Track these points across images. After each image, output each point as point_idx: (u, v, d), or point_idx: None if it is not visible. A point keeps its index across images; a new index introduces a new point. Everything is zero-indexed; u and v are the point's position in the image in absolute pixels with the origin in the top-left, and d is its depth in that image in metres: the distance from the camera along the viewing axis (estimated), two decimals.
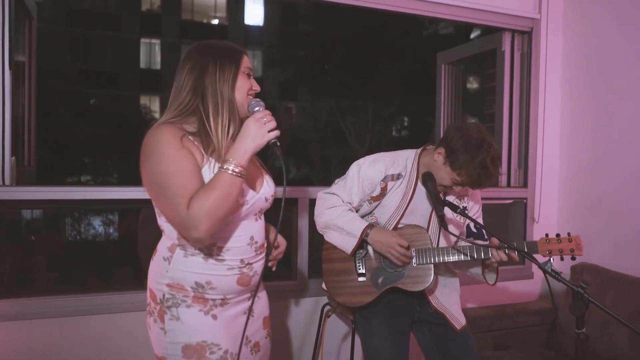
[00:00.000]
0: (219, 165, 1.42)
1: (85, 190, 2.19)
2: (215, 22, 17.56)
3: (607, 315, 2.50)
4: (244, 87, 1.51)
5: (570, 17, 3.05)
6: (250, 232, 1.54)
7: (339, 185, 2.01)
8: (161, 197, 1.43)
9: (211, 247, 1.48)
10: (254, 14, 17.29)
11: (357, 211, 2.02)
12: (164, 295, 1.49)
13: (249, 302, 1.59)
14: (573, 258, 1.82)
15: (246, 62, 1.55)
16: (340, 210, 1.96)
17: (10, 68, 2.16)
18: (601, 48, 2.84)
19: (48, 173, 10.27)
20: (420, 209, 1.94)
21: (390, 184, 1.94)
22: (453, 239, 1.96)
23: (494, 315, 2.69)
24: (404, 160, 1.98)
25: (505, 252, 1.79)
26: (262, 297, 1.71)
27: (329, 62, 13.37)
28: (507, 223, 3.25)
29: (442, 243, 1.97)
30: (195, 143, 1.46)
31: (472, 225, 1.98)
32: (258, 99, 1.52)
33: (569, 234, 1.83)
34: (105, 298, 2.24)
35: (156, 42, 16.47)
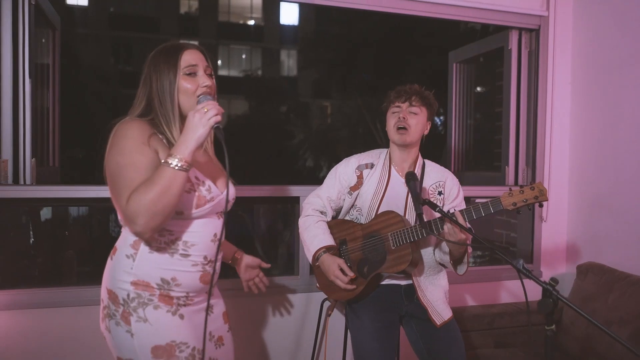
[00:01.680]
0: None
1: (98, 189, 2.35)
2: (251, 22, 17.83)
3: (608, 316, 2.51)
4: (185, 89, 1.49)
5: (580, 14, 3.01)
6: (213, 229, 1.57)
7: (320, 187, 2.19)
8: (112, 187, 1.45)
9: (176, 241, 1.50)
10: (289, 14, 17.47)
11: (337, 208, 2.17)
12: (128, 295, 1.48)
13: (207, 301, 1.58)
14: (540, 205, 1.81)
15: (186, 60, 1.50)
16: (308, 223, 2.11)
17: (30, 76, 2.34)
18: (612, 44, 2.80)
19: (92, 172, 10.73)
20: (398, 194, 2.04)
21: (365, 172, 2.10)
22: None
23: (495, 313, 2.71)
24: (377, 153, 2.17)
25: (464, 218, 1.83)
26: (216, 292, 1.73)
27: (361, 62, 13.40)
28: (515, 222, 3.24)
29: None
30: (164, 141, 1.49)
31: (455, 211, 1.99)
32: (206, 95, 1.50)
33: (532, 182, 1.84)
34: None
35: (194, 43, 16.87)
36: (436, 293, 2.09)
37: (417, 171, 2.10)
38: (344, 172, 2.13)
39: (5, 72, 2.28)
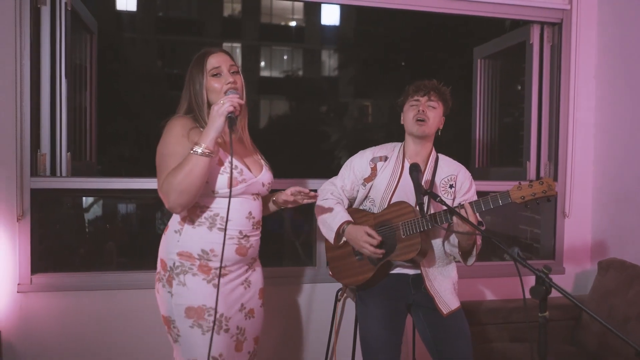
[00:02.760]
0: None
1: (125, 180, 2.53)
2: (293, 24, 18.05)
3: (627, 311, 2.48)
4: (213, 88, 1.76)
5: (605, 6, 2.96)
6: (248, 208, 1.80)
7: (335, 177, 2.27)
8: (157, 174, 1.73)
9: (215, 217, 1.75)
10: (331, 15, 17.56)
11: (351, 198, 2.23)
12: (174, 264, 1.75)
13: (246, 275, 1.87)
14: (548, 200, 1.81)
15: (211, 63, 1.76)
16: (327, 204, 2.16)
17: (66, 77, 2.53)
18: (638, 37, 2.74)
19: (136, 168, 11.21)
20: (410, 186, 2.05)
21: (378, 164, 2.16)
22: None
23: (511, 307, 2.71)
24: (391, 146, 2.23)
25: (473, 210, 1.86)
26: (257, 269, 1.95)
27: (399, 60, 13.37)
28: (539, 218, 3.21)
29: None
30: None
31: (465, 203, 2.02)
32: (231, 90, 1.73)
33: (541, 177, 1.85)
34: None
35: (237, 45, 17.26)
36: (444, 283, 2.12)
37: (430, 165, 2.14)
38: (358, 164, 2.21)
39: (44, 74, 2.48)
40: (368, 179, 2.17)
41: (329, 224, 2.12)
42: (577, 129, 3.00)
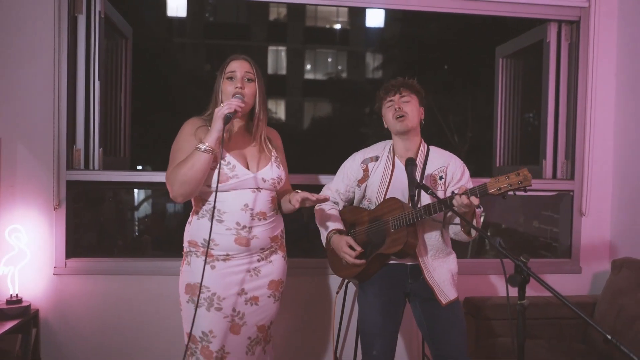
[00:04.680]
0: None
1: (149, 174, 2.74)
2: (338, 26, 18.20)
3: (637, 310, 2.47)
4: (225, 90, 1.95)
5: (625, 4, 2.93)
6: (244, 200, 1.92)
7: (332, 180, 2.39)
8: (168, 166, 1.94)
9: (212, 210, 1.88)
10: (375, 18, 17.59)
11: (347, 199, 2.35)
12: (187, 249, 2.01)
13: (257, 264, 1.99)
14: (524, 190, 1.84)
15: (231, 67, 1.96)
16: (323, 209, 2.30)
17: (99, 79, 2.77)
18: None
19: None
20: (402, 183, 2.15)
21: (370, 165, 2.25)
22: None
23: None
24: (382, 145, 2.31)
25: (467, 197, 1.89)
26: (275, 262, 2.05)
27: (439, 62, 13.24)
28: (555, 216, 3.20)
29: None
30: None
31: (456, 192, 2.07)
32: (238, 95, 1.90)
33: (518, 169, 1.85)
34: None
35: (282, 49, 17.59)
36: (443, 274, 2.18)
37: (420, 158, 2.21)
38: (350, 167, 2.32)
39: (80, 76, 2.73)
40: (362, 180, 2.27)
41: (322, 230, 2.29)
42: (596, 127, 2.98)
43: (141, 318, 2.72)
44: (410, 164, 2.05)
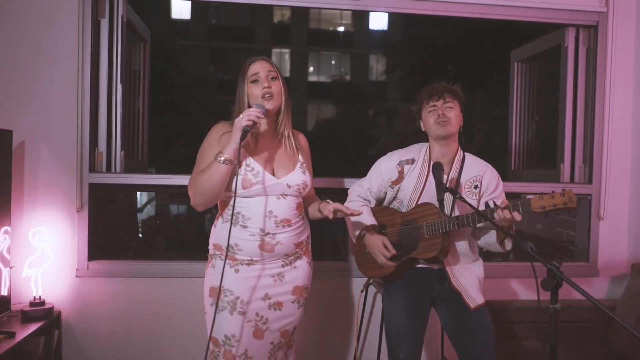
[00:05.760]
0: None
1: (170, 177, 2.75)
2: (341, 29, 18.23)
3: None
4: (253, 94, 1.93)
5: None
6: (269, 207, 1.91)
7: (363, 178, 2.38)
8: None
9: (237, 215, 1.90)
10: (379, 20, 17.62)
11: (378, 198, 2.34)
12: (212, 252, 2.01)
13: (282, 269, 1.98)
14: (568, 211, 1.86)
15: (252, 70, 1.93)
16: (354, 206, 2.28)
17: (121, 82, 2.78)
18: None
19: (188, 168, 11.63)
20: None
21: (406, 167, 2.24)
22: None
23: (540, 307, 2.72)
24: (418, 148, 2.30)
25: (509, 212, 1.89)
26: (300, 268, 2.04)
27: (447, 64, 13.28)
28: (572, 220, 3.21)
29: None
30: None
31: (490, 203, 2.08)
32: (257, 104, 1.87)
33: (563, 189, 1.86)
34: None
35: (286, 51, 17.61)
36: (470, 279, 2.19)
37: (456, 165, 2.21)
38: (385, 167, 2.29)
39: (102, 79, 2.74)
40: (396, 181, 2.25)
41: (354, 226, 2.26)
42: (613, 131, 2.99)
43: (162, 321, 2.73)
44: (437, 168, 2.06)
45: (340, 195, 2.60)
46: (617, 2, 2.95)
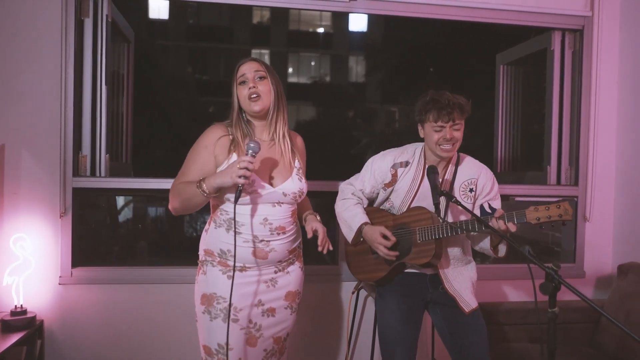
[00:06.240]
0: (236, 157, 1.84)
1: (158, 181, 2.69)
2: (321, 30, 18.24)
3: None
4: (241, 95, 1.91)
5: (627, 13, 3.00)
6: (264, 214, 1.87)
7: (355, 176, 2.32)
8: None
9: (231, 221, 1.86)
10: (358, 22, 17.69)
11: (369, 198, 2.30)
12: (203, 258, 1.95)
13: (274, 275, 1.94)
14: (564, 224, 1.85)
15: (240, 71, 1.91)
16: (348, 204, 2.24)
17: (106, 83, 2.71)
18: None
19: (168, 170, 11.46)
20: (430, 192, 2.09)
21: (399, 170, 2.19)
22: (461, 217, 2.13)
23: (529, 308, 2.75)
24: (412, 150, 2.23)
25: (504, 222, 1.88)
26: (292, 273, 2.01)
27: (427, 66, 13.41)
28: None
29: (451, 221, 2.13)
30: (229, 143, 1.88)
31: (486, 206, 2.07)
32: (254, 143, 1.77)
33: (559, 201, 1.85)
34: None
35: (265, 52, 17.54)
36: (464, 283, 2.18)
37: (451, 168, 2.18)
38: (379, 168, 2.23)
39: (86, 80, 2.66)
40: (389, 184, 2.22)
41: (349, 224, 2.21)
42: (599, 134, 3.03)
43: (149, 328, 2.66)
44: (432, 172, 2.04)
45: (329, 197, 2.58)
46: (602, 7, 3.00)
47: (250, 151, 1.76)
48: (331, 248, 1.99)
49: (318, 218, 2.05)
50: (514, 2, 2.95)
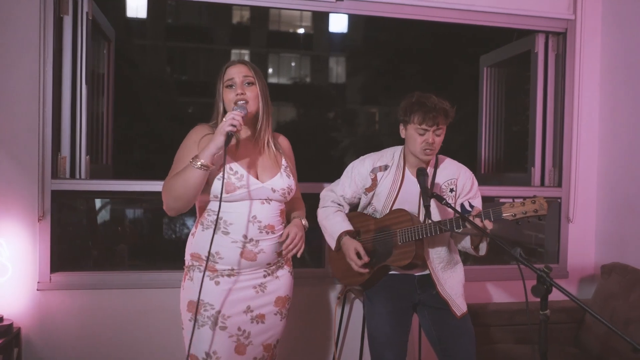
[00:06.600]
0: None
1: (142, 183, 2.62)
2: (301, 31, 18.21)
3: (628, 314, 2.54)
4: (227, 98, 1.86)
5: (609, 17, 3.04)
6: (252, 212, 1.83)
7: (336, 182, 2.33)
8: None
9: (218, 221, 1.81)
10: (339, 23, 17.71)
11: (352, 204, 2.31)
12: (189, 263, 1.89)
13: (263, 280, 1.90)
14: (540, 219, 1.85)
15: (228, 74, 1.86)
16: (328, 212, 2.25)
17: (86, 83, 2.64)
18: None
19: (148, 171, 11.32)
20: (412, 194, 2.14)
21: (379, 174, 2.20)
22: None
23: (515, 309, 2.77)
24: (391, 153, 2.24)
25: (481, 220, 1.88)
26: (282, 278, 1.96)
27: (408, 68, 13.47)
28: (541, 222, 3.27)
29: None
30: None
31: (466, 204, 2.08)
32: (238, 104, 1.80)
33: (534, 196, 1.85)
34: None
35: (245, 52, 17.43)
36: (455, 286, 2.18)
37: (430, 170, 2.18)
38: (359, 173, 2.24)
39: (66, 80, 2.59)
40: (369, 188, 2.22)
41: (330, 232, 2.22)
42: (581, 136, 3.07)
43: (132, 336, 2.59)
44: (421, 174, 2.04)
45: (315, 200, 2.56)
46: (585, 10, 3.03)
47: (239, 109, 1.77)
48: (298, 255, 1.94)
49: (304, 222, 1.99)
50: (499, 5, 2.97)
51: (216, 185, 1.79)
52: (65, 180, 2.54)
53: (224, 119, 1.74)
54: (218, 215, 1.76)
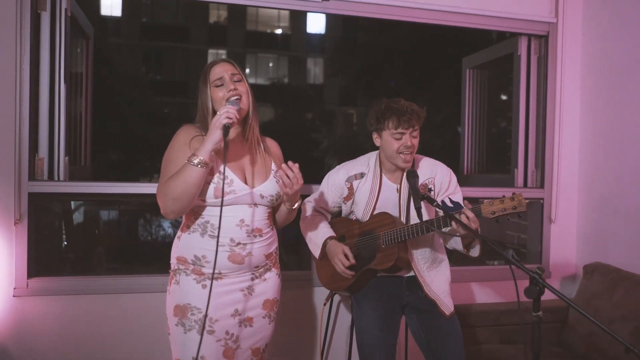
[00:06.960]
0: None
1: (124, 185, 2.55)
2: (279, 31, 18.15)
3: (611, 314, 2.57)
4: (217, 98, 1.82)
5: (589, 21, 3.08)
6: (240, 216, 1.80)
7: (314, 193, 2.34)
8: (159, 178, 1.80)
9: (206, 224, 1.78)
10: (316, 23, 17.71)
11: (333, 213, 2.33)
12: (175, 267, 1.86)
13: (251, 282, 1.86)
14: (519, 215, 1.85)
15: (215, 74, 1.82)
16: (309, 221, 2.25)
17: (65, 82, 2.55)
18: (621, 50, 2.86)
19: (125, 172, 11.11)
20: (390, 198, 2.13)
21: (354, 183, 2.20)
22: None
23: (501, 310, 2.78)
24: (366, 160, 2.24)
25: (467, 217, 1.86)
26: (270, 280, 1.93)
27: (387, 70, 13.57)
28: (524, 223, 3.30)
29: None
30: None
31: (447, 201, 2.07)
32: (231, 100, 1.76)
33: (513, 193, 1.86)
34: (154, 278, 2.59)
35: (222, 52, 17.29)
36: (442, 286, 2.18)
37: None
38: (334, 182, 2.25)
39: (43, 78, 2.50)
40: (347, 197, 2.23)
41: (314, 241, 2.21)
42: (563, 137, 3.11)
43: (115, 343, 2.52)
44: (411, 176, 2.03)
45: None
46: (566, 14, 3.07)
47: (232, 105, 1.74)
48: (294, 188, 1.79)
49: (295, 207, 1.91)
50: (482, 7, 2.98)
51: (205, 190, 1.75)
52: (43, 182, 2.46)
53: (217, 114, 1.70)
54: (220, 223, 1.71)
